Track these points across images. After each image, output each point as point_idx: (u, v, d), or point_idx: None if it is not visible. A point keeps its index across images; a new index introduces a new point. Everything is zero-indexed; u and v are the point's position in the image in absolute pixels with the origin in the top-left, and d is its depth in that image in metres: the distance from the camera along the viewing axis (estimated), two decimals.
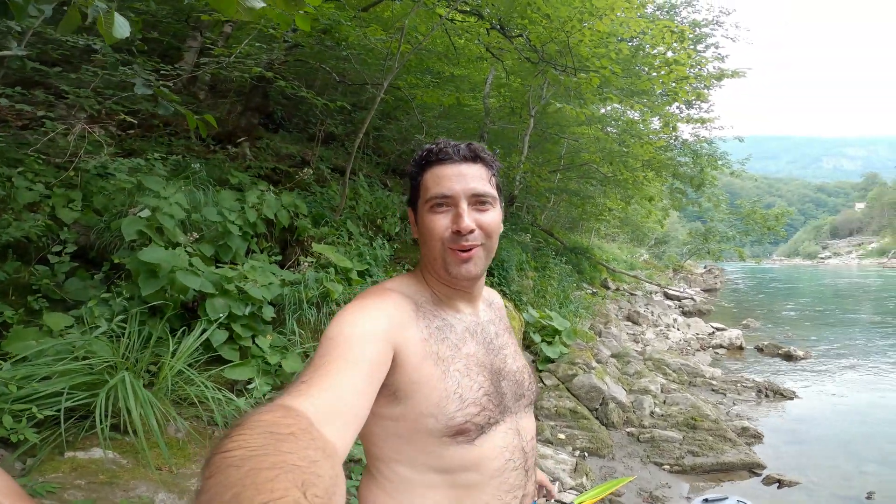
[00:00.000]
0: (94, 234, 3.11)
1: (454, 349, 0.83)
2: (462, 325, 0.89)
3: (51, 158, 3.21)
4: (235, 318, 2.98)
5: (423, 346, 0.80)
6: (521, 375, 0.94)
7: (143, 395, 2.03)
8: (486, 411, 0.82)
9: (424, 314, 0.85)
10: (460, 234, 0.82)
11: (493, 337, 0.94)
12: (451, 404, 0.78)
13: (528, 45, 5.67)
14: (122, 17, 1.43)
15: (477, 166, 0.86)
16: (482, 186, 0.85)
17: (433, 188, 0.84)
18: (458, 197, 0.83)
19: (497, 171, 0.89)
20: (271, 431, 0.44)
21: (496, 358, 0.91)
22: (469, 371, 0.83)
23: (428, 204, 0.85)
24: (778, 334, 9.90)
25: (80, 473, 1.82)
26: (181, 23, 5.48)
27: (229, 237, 3.39)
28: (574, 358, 5.48)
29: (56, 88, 3.31)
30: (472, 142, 0.88)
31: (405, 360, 0.77)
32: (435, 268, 0.87)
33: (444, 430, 0.78)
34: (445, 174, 0.84)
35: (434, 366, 0.79)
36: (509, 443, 0.86)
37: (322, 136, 7.03)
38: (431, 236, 0.85)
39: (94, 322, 2.39)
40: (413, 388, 0.77)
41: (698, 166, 13.98)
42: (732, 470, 3.60)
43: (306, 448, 0.43)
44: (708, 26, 10.40)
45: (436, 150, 0.86)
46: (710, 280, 23.71)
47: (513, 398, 0.90)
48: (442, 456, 0.80)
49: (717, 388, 5.74)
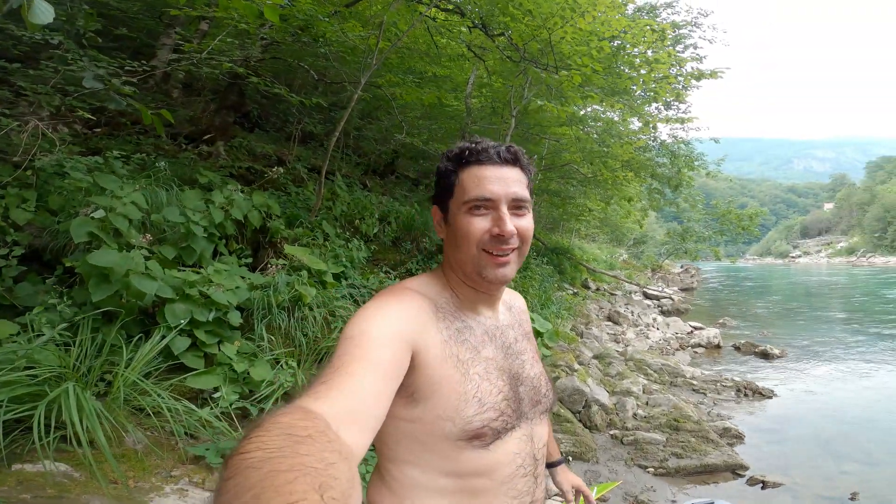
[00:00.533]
0: (47, 235, 2.90)
1: (474, 352, 0.82)
2: (482, 328, 0.87)
3: (8, 157, 2.99)
4: (199, 325, 2.81)
5: (442, 348, 0.78)
6: (538, 381, 0.93)
7: (91, 406, 1.87)
8: (504, 416, 0.81)
9: (444, 315, 0.83)
10: (501, 239, 0.81)
11: (512, 341, 0.92)
12: (469, 408, 0.77)
13: (510, 44, 5.61)
14: (46, 4, 1.30)
15: (516, 170, 0.84)
16: (522, 191, 0.83)
17: (473, 189, 0.82)
18: (499, 200, 0.81)
19: (532, 175, 0.89)
20: (289, 433, 0.44)
21: (515, 362, 0.89)
22: (489, 375, 0.82)
23: (466, 205, 0.82)
24: (753, 332, 10.06)
25: (27, 487, 1.69)
26: (154, 20, 5.25)
27: (193, 239, 3.21)
28: (556, 360, 5.42)
29: (14, 86, 3.10)
30: (511, 144, 0.86)
31: (424, 361, 0.76)
32: (465, 270, 0.85)
33: (461, 434, 0.77)
34: (486, 175, 0.82)
35: (454, 368, 0.78)
36: (522, 449, 0.85)
37: (299, 136, 6.85)
38: (467, 239, 0.82)
39: (40, 329, 2.20)
40: (432, 389, 0.76)
41: (676, 167, 14.20)
42: (716, 472, 3.56)
43: (323, 450, 0.43)
44: (686, 27, 10.56)
45: (477, 150, 0.83)
46: (686, 279, 24.14)
47: (530, 404, 0.89)
48: (456, 460, 0.78)
49: (698, 388, 5.75)
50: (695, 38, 10.71)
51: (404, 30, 5.03)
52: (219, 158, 5.41)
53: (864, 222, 71.08)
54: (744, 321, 11.82)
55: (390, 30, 4.83)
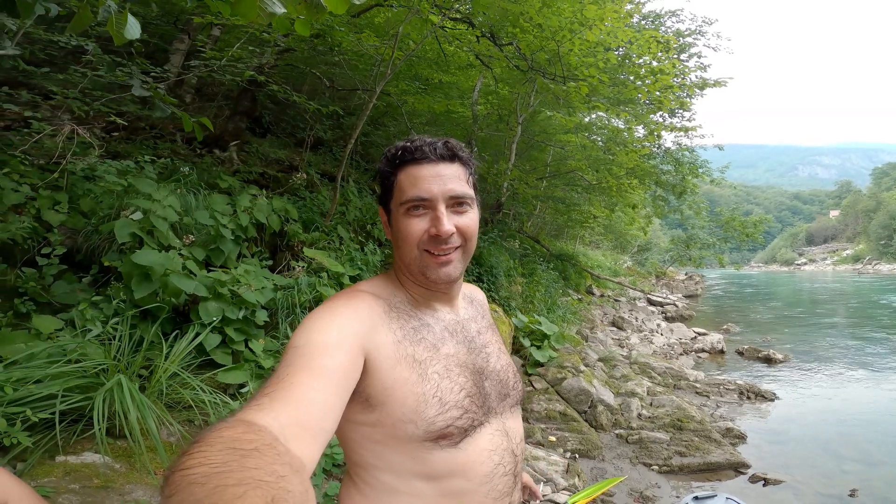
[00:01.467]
0: (81, 237, 3.05)
1: (432, 350, 0.80)
2: (440, 324, 0.85)
3: (35, 160, 3.15)
4: (229, 322, 2.95)
5: (396, 349, 0.76)
6: (504, 374, 0.90)
7: (140, 398, 2.00)
8: (469, 413, 0.78)
9: (399, 315, 0.81)
10: (439, 238, 0.79)
11: (474, 335, 0.90)
12: (429, 409, 0.74)
13: (517, 54, 5.77)
14: (134, 19, 1.43)
15: (455, 166, 0.81)
16: (460, 188, 0.80)
17: (409, 190, 0.79)
18: (436, 200, 0.79)
19: (474, 169, 0.86)
20: (234, 447, 0.42)
21: (478, 357, 0.87)
22: (449, 372, 0.79)
23: (403, 206, 0.80)
24: (757, 338, 10.13)
25: (74, 478, 1.78)
26: (170, 25, 5.43)
27: (222, 241, 3.36)
28: (563, 362, 5.55)
29: (41, 89, 3.25)
30: (448, 139, 0.83)
31: (377, 364, 0.73)
32: (411, 271, 0.84)
33: (425, 436, 0.74)
34: (422, 175, 0.79)
35: (409, 369, 0.75)
36: (497, 445, 0.82)
37: (311, 142, 7.01)
38: (407, 241, 0.81)
39: (85, 325, 2.34)
40: (386, 393, 0.73)
41: (680, 174, 14.30)
42: (719, 469, 3.68)
43: (273, 463, 0.41)
44: (691, 36, 10.69)
45: (411, 149, 0.81)
46: (691, 286, 24.19)
47: (497, 398, 0.86)
48: (425, 461, 0.75)
49: (701, 391, 5.86)
50: (699, 47, 10.85)
51: (416, 39, 5.20)
52: (233, 164, 5.58)
53: (870, 230, 70.75)
54: (747, 327, 11.88)
55: (404, 40, 5.00)
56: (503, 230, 10.55)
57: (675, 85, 5.99)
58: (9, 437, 1.69)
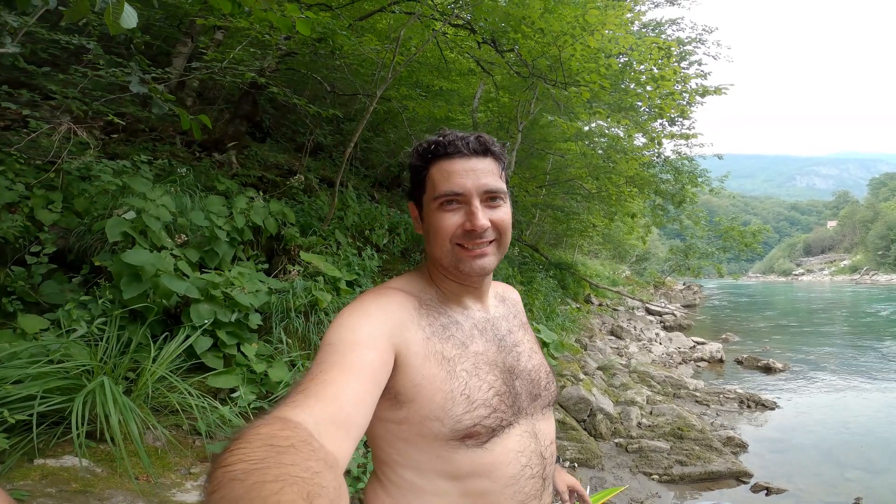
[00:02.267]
0: (73, 236, 3.01)
1: (461, 347, 0.79)
2: (470, 321, 0.85)
3: (32, 159, 3.12)
4: (221, 325, 2.90)
5: (425, 346, 0.76)
6: (536, 374, 0.88)
7: (123, 401, 1.94)
8: (498, 413, 0.77)
9: (428, 312, 0.81)
10: (474, 233, 0.78)
11: (504, 333, 0.89)
12: (457, 406, 0.73)
13: (518, 60, 5.78)
14: (131, 7, 1.40)
15: (487, 160, 0.81)
16: (494, 182, 0.80)
17: (442, 185, 0.79)
18: (470, 194, 0.78)
19: (506, 163, 0.86)
20: (271, 444, 0.43)
21: (508, 356, 0.86)
22: (477, 370, 0.78)
23: (437, 201, 0.80)
24: (756, 348, 10.08)
25: (52, 481, 1.72)
26: (173, 27, 5.43)
27: (216, 243, 3.32)
28: (562, 370, 5.49)
29: (42, 89, 3.22)
30: (480, 133, 0.83)
31: (407, 361, 0.73)
32: (444, 265, 0.83)
33: (451, 434, 0.73)
34: (455, 169, 0.79)
35: (438, 366, 0.75)
36: (525, 447, 0.80)
37: (311, 146, 7.00)
38: (441, 235, 0.80)
39: (71, 325, 2.29)
40: (416, 390, 0.73)
41: (679, 183, 14.31)
42: (720, 479, 3.61)
43: (308, 460, 0.42)
44: (691, 44, 10.74)
45: (444, 143, 0.80)
46: (689, 296, 24.17)
47: (528, 398, 0.84)
48: (450, 461, 0.75)
49: (701, 400, 5.79)
50: (699, 55, 10.90)
51: (417, 45, 5.21)
52: (232, 167, 5.55)
53: (868, 240, 70.96)
54: (746, 336, 11.83)
55: (406, 44, 5.00)
56: None
57: (676, 91, 5.99)
58: None
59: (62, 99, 3.17)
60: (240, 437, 0.44)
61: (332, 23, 3.91)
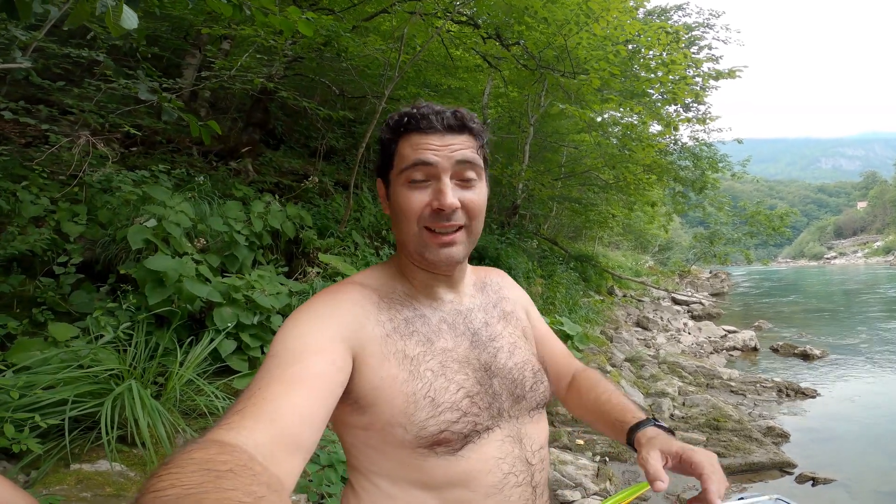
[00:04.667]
0: (99, 247, 3.07)
1: (425, 344, 0.72)
2: (438, 315, 0.77)
3: (55, 175, 3.20)
4: (244, 328, 2.92)
5: (383, 345, 0.69)
6: (519, 373, 0.78)
7: (151, 404, 1.96)
8: (470, 416, 0.69)
9: (390, 305, 0.73)
10: (441, 213, 0.70)
11: (479, 327, 0.80)
12: (420, 411, 0.66)
13: (525, 53, 5.71)
14: (131, 10, 1.40)
15: (464, 136, 0.73)
16: (469, 154, 0.72)
17: (410, 158, 0.71)
18: (440, 167, 0.70)
19: (486, 142, 0.77)
20: (207, 469, 0.40)
21: (484, 352, 0.77)
22: (445, 370, 0.70)
23: (403, 176, 0.72)
24: (791, 334, 9.73)
25: (86, 486, 1.74)
26: (180, 39, 5.53)
27: (236, 247, 3.35)
28: (588, 362, 5.38)
29: (58, 105, 3.30)
30: (458, 108, 0.74)
31: (364, 362, 0.67)
32: (408, 250, 0.75)
33: (417, 441, 0.66)
34: (426, 143, 0.71)
35: (398, 366, 0.68)
36: (508, 453, 0.72)
37: (324, 151, 7.06)
38: (406, 215, 0.72)
39: (99, 332, 2.33)
40: (375, 393, 0.67)
41: (699, 169, 13.98)
42: (762, 470, 3.46)
43: (250, 484, 0.39)
44: (699, 29, 10.53)
45: (417, 115, 0.72)
46: (716, 284, 23.53)
47: (510, 400, 0.75)
48: (422, 469, 0.68)
49: (736, 390, 5.60)
50: (708, 40, 10.66)
51: (422, 43, 5.19)
52: (248, 175, 5.63)
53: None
54: (780, 324, 11.43)
55: (410, 42, 4.99)
56: (520, 232, 10.43)
57: (687, 76, 5.84)
58: (18, 444, 1.65)
59: (79, 113, 3.24)
60: (170, 463, 0.40)
61: (336, 25, 3.92)
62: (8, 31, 2.14)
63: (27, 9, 1.40)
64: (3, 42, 2.21)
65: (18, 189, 2.69)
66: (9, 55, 2.08)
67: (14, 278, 2.45)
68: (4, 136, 3.28)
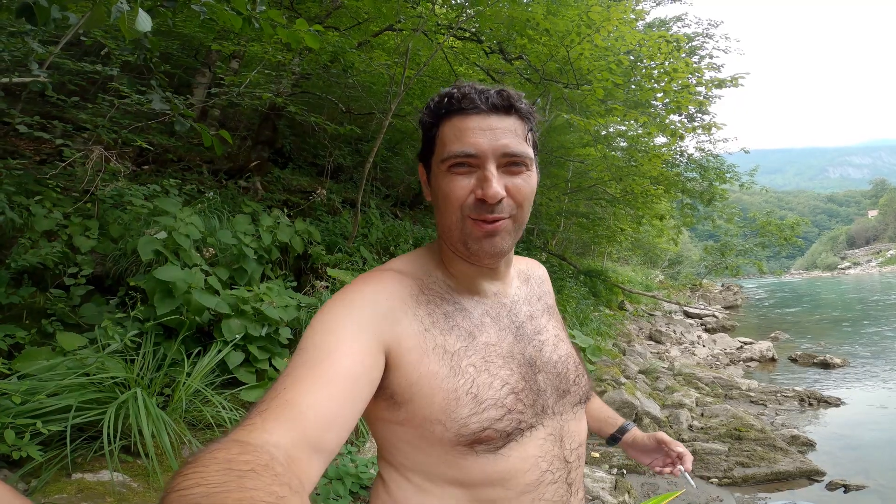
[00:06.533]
0: (109, 261, 3.10)
1: (467, 339, 0.68)
2: (480, 308, 0.73)
3: (69, 191, 3.25)
4: (252, 340, 2.90)
5: (421, 339, 0.66)
6: (563, 366, 0.76)
7: (156, 412, 1.93)
8: (514, 414, 0.66)
9: (430, 298, 0.70)
10: (486, 204, 0.65)
11: (524, 320, 0.76)
12: (462, 408, 0.63)
13: (528, 66, 5.78)
14: (145, 14, 1.43)
15: (511, 119, 0.67)
16: (516, 144, 0.66)
17: (453, 144, 0.66)
18: (485, 156, 0.65)
19: (535, 125, 0.72)
20: (230, 468, 0.40)
21: (529, 346, 0.74)
22: (488, 365, 0.67)
23: (445, 163, 0.67)
24: (810, 344, 9.49)
25: (87, 495, 1.70)
26: (191, 58, 5.67)
27: (245, 260, 3.35)
28: (601, 374, 5.26)
29: (72, 121, 3.37)
30: (504, 87, 0.69)
31: (400, 358, 0.64)
32: (451, 240, 0.71)
33: (457, 439, 0.63)
34: (469, 127, 0.66)
35: (439, 361, 0.65)
36: (547, 452, 0.69)
37: (331, 168, 7.14)
38: (448, 203, 0.67)
39: (107, 341, 2.32)
40: (412, 390, 0.64)
41: (706, 180, 13.91)
42: (789, 478, 3.32)
43: (271, 484, 0.40)
44: (698, 38, 10.66)
45: (458, 96, 0.67)
46: (729, 297, 23.18)
47: (554, 395, 0.73)
48: (459, 467, 0.65)
49: (756, 400, 5.43)
50: (709, 49, 10.77)
51: (426, 58, 5.29)
52: (257, 193, 5.69)
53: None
54: (797, 334, 11.17)
55: (415, 57, 5.08)
56: (528, 247, 10.39)
57: (690, 84, 5.86)
58: (18, 451, 1.61)
59: (93, 129, 3.30)
60: (194, 461, 0.41)
61: (342, 41, 4.00)
62: (26, 45, 2.20)
63: (46, 13, 1.44)
64: (21, 55, 2.27)
65: (32, 203, 2.72)
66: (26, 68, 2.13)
67: (25, 290, 2.47)
68: (19, 152, 3.35)
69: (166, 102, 2.15)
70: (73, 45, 2.74)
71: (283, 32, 2.56)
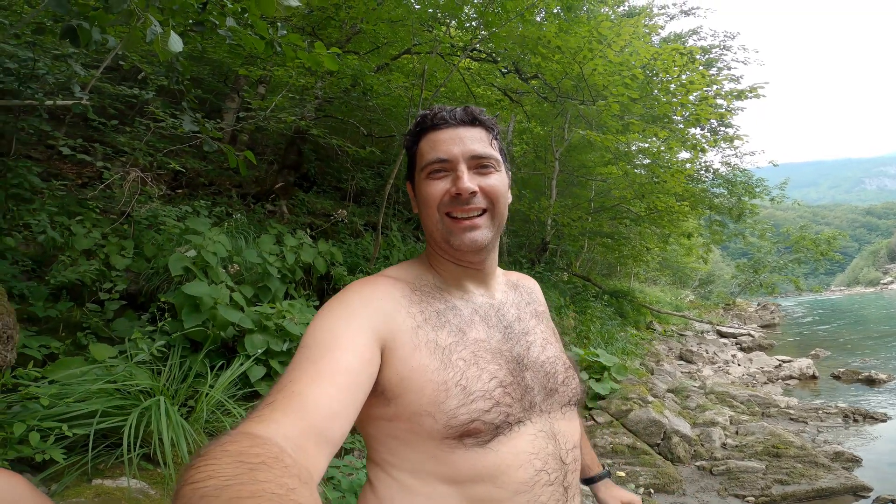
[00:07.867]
0: (143, 279, 3.25)
1: (458, 335, 0.72)
2: (470, 307, 0.78)
3: (108, 213, 3.46)
4: (274, 355, 2.96)
5: (413, 335, 0.70)
6: (552, 367, 0.79)
7: (176, 419, 1.98)
8: (502, 407, 0.68)
9: (422, 297, 0.75)
10: (460, 197, 0.74)
11: (512, 320, 0.81)
12: (451, 399, 0.65)
13: (544, 84, 5.88)
14: (177, 36, 1.57)
15: (476, 129, 0.79)
16: (482, 148, 0.77)
17: (429, 153, 0.77)
18: (456, 160, 0.75)
19: (498, 134, 0.83)
20: (241, 461, 0.41)
21: (517, 345, 0.78)
22: (477, 359, 0.70)
23: (424, 171, 0.77)
24: (853, 361, 8.99)
25: (104, 500, 1.73)
26: (220, 83, 5.99)
27: (269, 279, 3.46)
28: (627, 393, 5.10)
29: (112, 145, 3.58)
30: (469, 105, 0.82)
31: (393, 353, 0.68)
32: (436, 240, 0.79)
33: (446, 431, 0.65)
34: (441, 138, 0.77)
35: (430, 356, 0.68)
36: (541, 449, 0.70)
37: (354, 192, 7.33)
38: (427, 205, 0.76)
39: (136, 352, 2.42)
40: (403, 384, 0.67)
41: (735, 196, 13.56)
42: (834, 495, 3.13)
43: (282, 476, 0.41)
44: (714, 51, 10.59)
45: (430, 115, 0.79)
46: (766, 316, 22.18)
47: (542, 394, 0.75)
48: (448, 462, 0.66)
49: (796, 417, 5.16)
50: (727, 61, 10.68)
51: (443, 78, 5.45)
52: (283, 216, 5.89)
53: None
54: (838, 351, 10.60)
55: (432, 78, 5.24)
56: (551, 268, 10.28)
57: (708, 95, 5.84)
58: (42, 454, 1.66)
59: (131, 152, 3.51)
60: (205, 454, 0.42)
61: (361, 65, 4.18)
62: (69, 67, 2.40)
63: (87, 35, 1.59)
64: (64, 77, 2.48)
65: (73, 223, 2.91)
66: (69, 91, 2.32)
67: (62, 304, 2.61)
68: (63, 175, 3.59)
69: (196, 124, 2.29)
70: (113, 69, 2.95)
71: (303, 55, 2.72)
